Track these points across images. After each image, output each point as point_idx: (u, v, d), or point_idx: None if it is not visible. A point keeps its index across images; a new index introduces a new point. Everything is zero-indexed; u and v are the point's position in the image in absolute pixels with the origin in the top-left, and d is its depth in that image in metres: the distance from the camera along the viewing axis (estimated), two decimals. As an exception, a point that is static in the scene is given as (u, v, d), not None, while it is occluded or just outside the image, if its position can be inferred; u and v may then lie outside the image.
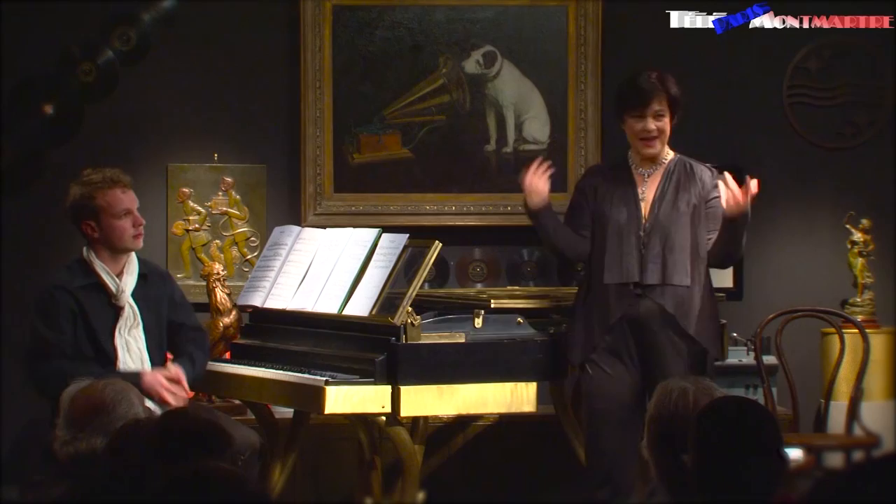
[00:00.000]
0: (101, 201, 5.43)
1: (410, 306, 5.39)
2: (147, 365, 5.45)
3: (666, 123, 5.47)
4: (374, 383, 5.31)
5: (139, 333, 5.45)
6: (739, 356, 6.98)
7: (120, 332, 5.42)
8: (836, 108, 7.42)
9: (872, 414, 6.86)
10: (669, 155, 5.57)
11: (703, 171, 5.54)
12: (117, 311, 5.44)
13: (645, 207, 5.48)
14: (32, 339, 5.43)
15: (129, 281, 5.48)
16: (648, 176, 5.54)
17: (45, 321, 5.39)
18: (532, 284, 7.24)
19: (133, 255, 5.53)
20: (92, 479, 3.38)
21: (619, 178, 5.55)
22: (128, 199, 5.47)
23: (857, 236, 7.15)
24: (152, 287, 5.54)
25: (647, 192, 5.51)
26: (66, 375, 4.53)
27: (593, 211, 5.53)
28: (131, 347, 5.43)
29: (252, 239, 7.22)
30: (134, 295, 5.47)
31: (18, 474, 6.15)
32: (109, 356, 5.39)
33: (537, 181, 5.49)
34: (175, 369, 5.39)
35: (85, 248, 5.50)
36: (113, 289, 5.44)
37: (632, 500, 5.39)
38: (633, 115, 5.47)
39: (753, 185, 5.38)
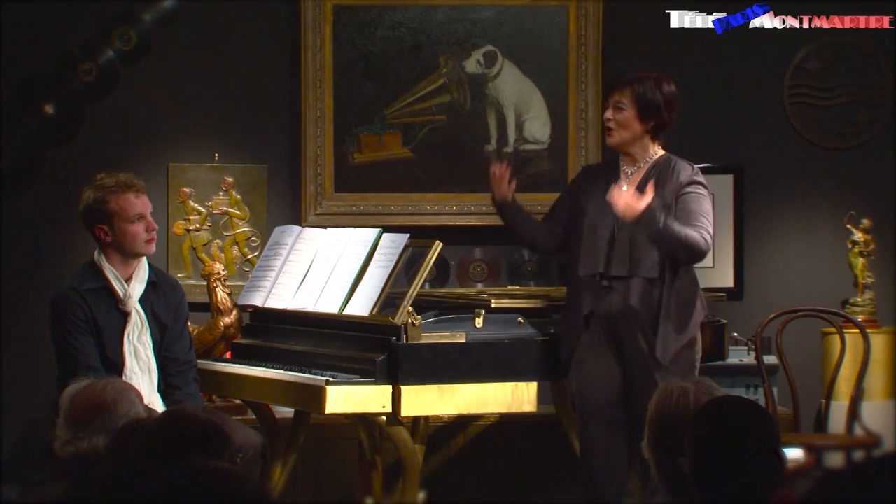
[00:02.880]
0: (114, 205, 5.44)
1: (411, 306, 5.40)
2: (154, 372, 5.45)
3: (627, 117, 5.51)
4: (375, 383, 5.31)
5: (147, 340, 5.45)
6: (740, 356, 6.99)
7: (129, 338, 5.43)
8: (836, 108, 7.42)
9: (873, 414, 6.86)
10: (657, 154, 5.60)
11: (683, 169, 5.54)
12: (125, 316, 5.45)
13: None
14: (59, 360, 5.42)
15: (138, 287, 5.48)
16: (632, 173, 5.59)
17: (65, 332, 5.39)
18: (532, 284, 7.24)
19: (144, 262, 5.54)
20: (92, 479, 3.37)
21: (606, 177, 5.62)
22: (141, 204, 5.48)
23: (858, 236, 7.15)
24: (161, 295, 5.54)
25: (630, 188, 5.52)
26: None
27: (574, 208, 5.61)
28: (139, 354, 5.43)
29: (253, 239, 7.22)
30: (141, 301, 5.47)
31: (18, 474, 6.15)
32: (117, 361, 5.39)
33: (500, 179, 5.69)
34: None
35: (96, 252, 5.51)
36: (120, 293, 5.44)
37: (631, 499, 5.40)
38: (605, 107, 5.64)
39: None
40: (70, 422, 3.92)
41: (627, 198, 5.31)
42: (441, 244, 5.52)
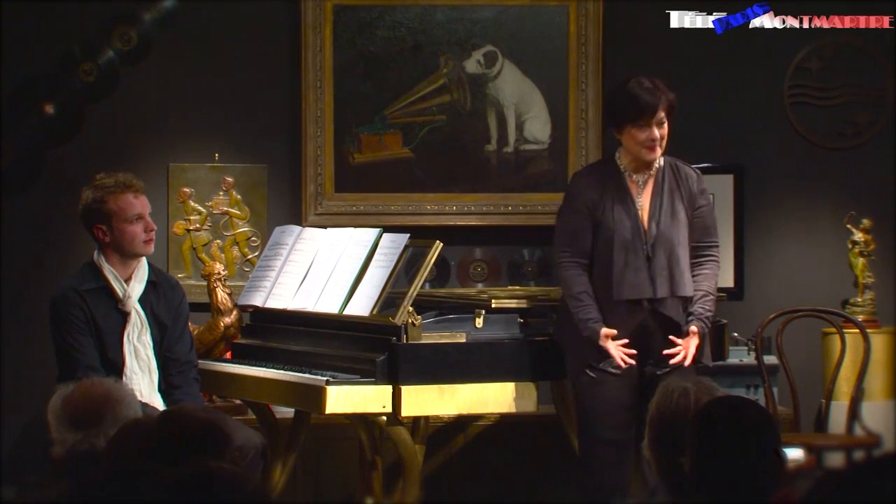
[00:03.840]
0: (112, 206, 5.44)
1: (411, 306, 5.40)
2: (155, 372, 5.45)
3: (665, 129, 5.47)
4: (375, 383, 5.31)
5: (147, 340, 5.45)
6: (740, 356, 6.98)
7: (128, 338, 5.43)
8: (836, 108, 7.41)
9: (873, 414, 6.86)
10: (660, 158, 5.57)
11: (690, 177, 5.54)
12: (124, 316, 5.45)
13: (643, 217, 5.47)
14: (60, 360, 5.42)
15: (137, 287, 5.48)
16: (642, 182, 5.51)
17: (65, 332, 5.39)
18: (532, 284, 7.23)
19: (144, 262, 5.53)
20: (91, 479, 3.37)
21: (614, 188, 5.49)
22: (140, 204, 5.48)
23: (858, 236, 7.14)
24: (161, 295, 5.54)
25: (643, 199, 5.49)
26: None
27: (594, 226, 5.48)
28: (139, 354, 5.43)
29: (253, 239, 7.22)
30: (141, 301, 5.47)
31: (18, 474, 6.14)
32: (117, 361, 5.39)
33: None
34: None
35: (95, 252, 5.51)
36: (120, 293, 5.44)
37: (632, 499, 5.39)
38: (638, 125, 5.42)
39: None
40: (77, 422, 3.90)
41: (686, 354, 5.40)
42: (441, 244, 5.51)
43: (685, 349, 5.41)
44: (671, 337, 5.41)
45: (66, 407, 3.94)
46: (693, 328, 5.41)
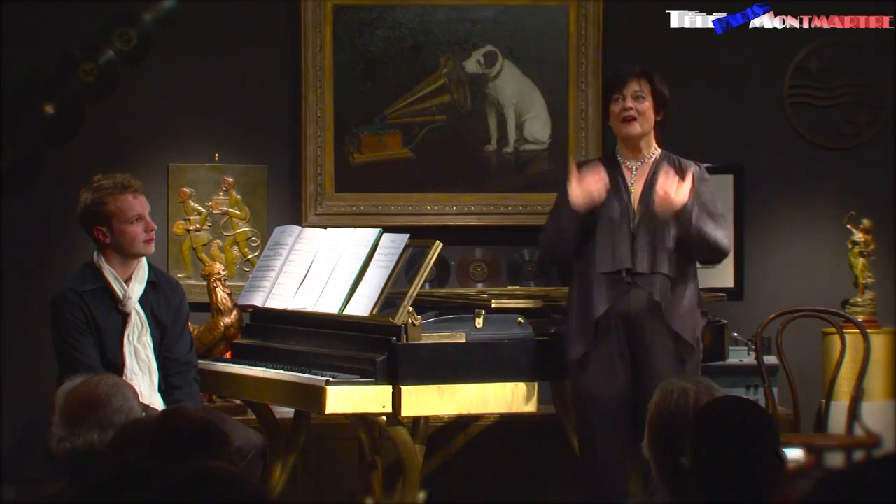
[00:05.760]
0: (112, 207, 5.43)
1: (411, 306, 5.39)
2: (155, 373, 5.45)
3: (647, 108, 5.50)
4: (375, 383, 5.31)
5: (147, 340, 5.45)
6: (740, 356, 6.99)
7: (129, 339, 5.42)
8: (836, 108, 7.42)
9: (873, 414, 6.86)
10: (657, 151, 5.60)
11: (688, 165, 5.56)
12: (125, 317, 5.45)
13: (634, 199, 5.52)
14: (60, 361, 5.42)
15: (137, 288, 5.48)
16: (636, 169, 5.56)
17: (65, 333, 5.39)
18: (532, 284, 7.24)
19: (144, 262, 5.53)
20: (91, 478, 3.38)
21: (609, 172, 5.55)
22: (139, 204, 5.48)
23: (858, 236, 7.14)
24: (161, 295, 5.54)
25: (636, 183, 5.54)
26: None
27: None
28: (139, 355, 5.43)
29: (253, 239, 7.22)
30: (141, 302, 5.47)
31: (18, 474, 6.15)
32: (117, 362, 5.39)
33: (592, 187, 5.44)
34: None
35: (95, 253, 5.50)
36: (120, 294, 5.44)
37: (632, 500, 5.39)
38: (614, 99, 5.52)
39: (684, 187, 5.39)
40: (65, 419, 3.92)
41: (669, 189, 5.31)
42: (441, 244, 5.51)
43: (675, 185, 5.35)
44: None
45: (66, 401, 3.95)
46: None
